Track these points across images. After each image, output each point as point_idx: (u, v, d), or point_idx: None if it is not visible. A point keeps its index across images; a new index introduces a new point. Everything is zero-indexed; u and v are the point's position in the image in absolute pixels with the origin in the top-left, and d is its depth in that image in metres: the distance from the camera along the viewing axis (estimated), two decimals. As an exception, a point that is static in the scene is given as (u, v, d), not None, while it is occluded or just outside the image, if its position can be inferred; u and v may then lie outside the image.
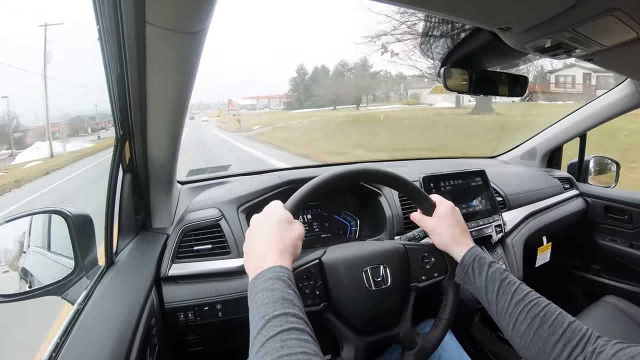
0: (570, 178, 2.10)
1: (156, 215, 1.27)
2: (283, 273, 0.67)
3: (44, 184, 11.35)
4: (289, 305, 0.62)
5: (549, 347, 0.69)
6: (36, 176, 12.78)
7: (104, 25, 0.78)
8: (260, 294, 0.64)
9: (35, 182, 11.89)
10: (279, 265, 0.68)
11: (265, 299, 0.62)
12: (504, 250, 1.53)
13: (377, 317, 0.87)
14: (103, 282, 0.97)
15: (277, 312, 0.60)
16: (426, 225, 0.95)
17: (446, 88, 1.07)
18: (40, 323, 2.60)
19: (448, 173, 1.48)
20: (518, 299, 0.75)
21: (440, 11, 0.76)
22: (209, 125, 31.61)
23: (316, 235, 1.45)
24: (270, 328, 0.57)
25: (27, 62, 42.31)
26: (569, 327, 0.69)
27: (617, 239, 1.97)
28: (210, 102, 72.09)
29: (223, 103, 57.25)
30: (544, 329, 0.70)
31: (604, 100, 1.84)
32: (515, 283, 0.78)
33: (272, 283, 0.65)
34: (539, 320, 0.71)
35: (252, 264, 0.71)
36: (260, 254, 0.71)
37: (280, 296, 0.62)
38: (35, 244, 1.12)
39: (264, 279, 0.66)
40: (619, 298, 1.59)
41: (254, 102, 61.63)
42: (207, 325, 1.12)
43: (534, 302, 0.74)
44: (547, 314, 0.72)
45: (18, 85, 32.65)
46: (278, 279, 0.65)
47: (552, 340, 0.69)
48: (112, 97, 0.92)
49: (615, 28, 0.76)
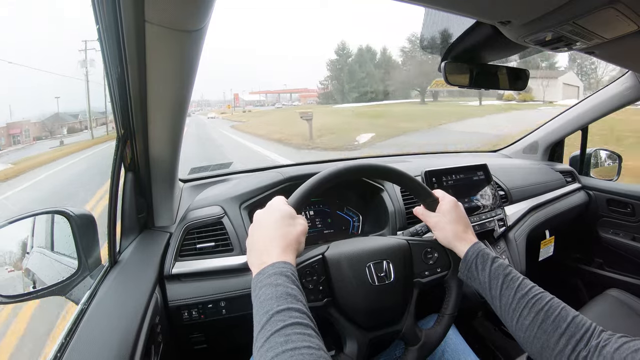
0: (573, 171, 2.10)
1: (159, 213, 1.28)
2: (287, 268, 0.67)
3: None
4: (293, 300, 0.62)
5: (552, 342, 0.69)
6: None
7: (103, 24, 0.78)
8: (264, 289, 0.64)
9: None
10: (283, 261, 0.68)
11: (268, 294, 0.62)
12: (506, 244, 1.53)
13: (380, 312, 0.87)
14: (107, 281, 0.97)
15: (281, 307, 0.60)
16: (429, 220, 0.95)
17: (447, 82, 1.07)
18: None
19: (450, 167, 1.48)
20: (522, 294, 0.75)
21: (441, 5, 0.75)
22: (221, 126, 26.81)
23: (319, 231, 1.45)
24: (274, 323, 0.57)
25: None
26: (573, 321, 0.69)
27: (620, 232, 1.97)
28: (211, 100, 70.36)
29: (225, 100, 54.62)
30: (548, 324, 0.70)
31: (606, 93, 1.84)
32: (518, 278, 0.78)
33: (275, 278, 0.65)
34: (542, 315, 0.71)
35: (256, 259, 0.71)
36: (264, 250, 0.71)
37: (283, 291, 0.63)
38: (39, 244, 1.12)
39: (267, 274, 0.66)
40: (622, 291, 1.59)
41: (261, 98, 59.45)
42: (211, 322, 1.12)
43: (537, 296, 0.74)
44: (550, 309, 0.72)
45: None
46: (282, 275, 0.65)
47: (556, 334, 0.69)
48: (113, 96, 0.92)
49: (615, 21, 0.76)
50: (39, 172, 10.99)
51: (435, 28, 1.01)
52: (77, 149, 15.44)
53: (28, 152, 16.60)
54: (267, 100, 51.47)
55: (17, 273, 1.00)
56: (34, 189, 8.68)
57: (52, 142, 19.55)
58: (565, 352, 0.67)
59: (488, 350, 1.65)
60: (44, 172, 11.09)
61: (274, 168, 1.60)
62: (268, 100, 52.48)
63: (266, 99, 53.62)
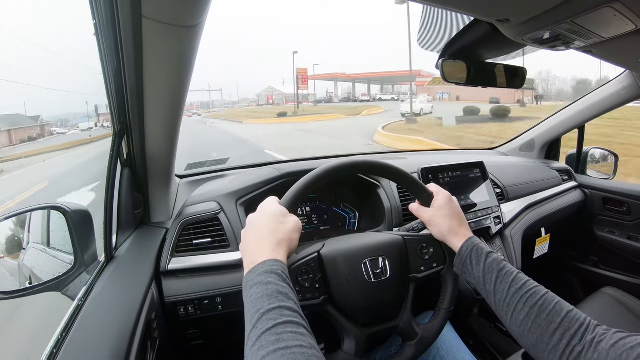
0: (569, 170, 2.11)
1: (155, 209, 1.28)
2: (277, 266, 0.67)
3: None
4: (284, 298, 0.62)
5: (547, 336, 0.69)
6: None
7: (100, 20, 0.78)
8: (255, 287, 0.63)
9: None
10: (273, 259, 0.68)
11: (259, 292, 0.62)
12: (502, 242, 1.53)
13: (377, 308, 0.87)
14: (103, 277, 0.97)
15: (272, 305, 0.60)
16: (424, 216, 0.94)
17: (444, 80, 1.07)
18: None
19: (446, 165, 1.48)
20: (516, 289, 0.76)
21: (440, 3, 0.75)
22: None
23: (315, 227, 1.46)
24: (266, 322, 0.57)
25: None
26: (567, 316, 0.69)
27: (616, 230, 1.98)
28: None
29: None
30: (542, 318, 0.70)
31: (603, 92, 1.84)
32: (513, 273, 0.79)
33: (266, 277, 0.65)
34: (537, 310, 0.71)
35: (248, 259, 0.71)
36: (255, 249, 0.71)
37: (274, 289, 0.62)
38: (35, 240, 1.12)
39: (257, 272, 0.66)
40: (617, 289, 1.60)
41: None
42: (207, 318, 1.12)
43: (531, 291, 0.74)
44: (545, 303, 0.72)
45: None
46: (272, 273, 0.65)
47: (551, 329, 0.69)
48: (110, 91, 0.92)
49: (613, 20, 0.76)
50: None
51: (434, 25, 1.01)
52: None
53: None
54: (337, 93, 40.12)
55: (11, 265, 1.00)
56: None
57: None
58: (559, 347, 0.67)
59: (483, 348, 1.66)
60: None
61: (271, 164, 1.60)
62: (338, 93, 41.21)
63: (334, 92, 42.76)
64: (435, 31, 1.03)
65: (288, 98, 53.81)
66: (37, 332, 1.89)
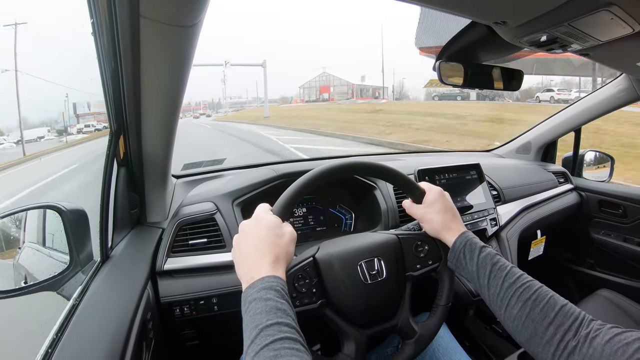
0: (565, 172, 2.11)
1: (151, 209, 1.27)
2: (276, 283, 0.67)
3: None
4: (282, 314, 0.62)
5: (540, 330, 0.69)
6: None
7: (98, 19, 0.77)
8: (254, 303, 0.64)
9: None
10: (272, 275, 0.68)
11: (258, 308, 0.62)
12: (498, 244, 1.54)
13: (375, 309, 0.87)
14: (98, 277, 0.97)
15: (270, 321, 0.60)
16: (416, 213, 0.94)
17: (441, 82, 1.08)
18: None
19: (443, 166, 1.49)
20: (509, 283, 0.76)
21: (437, 5, 0.75)
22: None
23: (311, 228, 1.45)
24: (264, 337, 0.58)
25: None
26: (561, 310, 0.69)
27: (611, 233, 1.99)
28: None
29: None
30: (536, 312, 0.70)
31: (599, 95, 1.85)
32: (506, 267, 0.78)
33: (265, 293, 0.65)
34: (530, 304, 0.71)
35: (246, 274, 0.70)
36: (253, 265, 0.71)
37: (273, 306, 0.63)
38: (30, 239, 1.11)
39: (257, 288, 0.66)
40: (613, 291, 1.60)
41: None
42: (203, 319, 1.12)
43: (525, 285, 0.74)
44: (538, 298, 0.72)
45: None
46: (271, 289, 0.65)
47: (544, 323, 0.68)
48: (107, 91, 0.92)
49: (611, 23, 0.76)
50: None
51: (431, 27, 1.01)
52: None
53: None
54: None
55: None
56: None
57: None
58: (553, 342, 0.66)
59: (479, 349, 1.66)
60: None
61: (268, 165, 1.60)
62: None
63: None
64: (432, 33, 1.03)
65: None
66: (31, 332, 1.89)
